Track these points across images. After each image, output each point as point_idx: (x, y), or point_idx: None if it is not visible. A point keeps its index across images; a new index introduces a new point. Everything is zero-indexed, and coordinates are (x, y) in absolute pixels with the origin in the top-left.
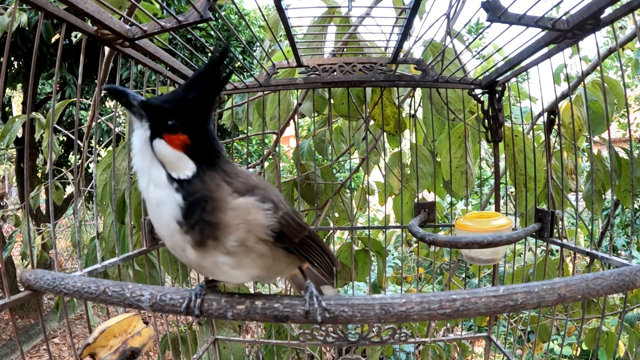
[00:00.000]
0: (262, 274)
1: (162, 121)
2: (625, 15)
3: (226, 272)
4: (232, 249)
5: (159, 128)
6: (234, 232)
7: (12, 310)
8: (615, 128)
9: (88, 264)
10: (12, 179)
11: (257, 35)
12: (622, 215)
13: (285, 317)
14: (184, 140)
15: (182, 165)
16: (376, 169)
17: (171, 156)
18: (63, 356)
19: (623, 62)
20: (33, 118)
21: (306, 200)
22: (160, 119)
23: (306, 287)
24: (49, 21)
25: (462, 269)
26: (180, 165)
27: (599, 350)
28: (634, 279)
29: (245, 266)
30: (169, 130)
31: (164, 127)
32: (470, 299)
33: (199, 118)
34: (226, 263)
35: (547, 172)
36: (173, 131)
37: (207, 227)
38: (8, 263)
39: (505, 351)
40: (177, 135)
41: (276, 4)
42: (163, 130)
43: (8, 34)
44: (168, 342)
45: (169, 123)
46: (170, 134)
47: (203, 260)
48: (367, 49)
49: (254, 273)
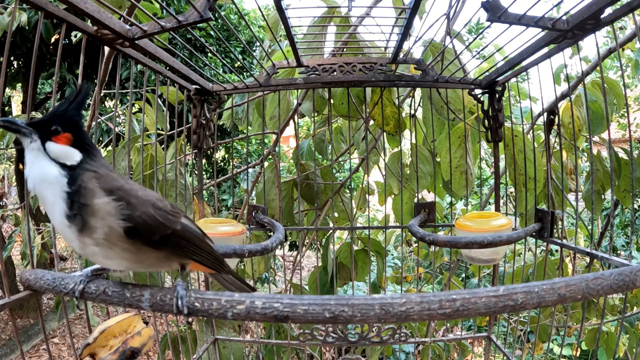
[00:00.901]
0: (135, 266)
1: (47, 130)
2: (625, 15)
3: (102, 262)
4: (100, 241)
5: (47, 135)
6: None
7: (12, 310)
8: (615, 128)
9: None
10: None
11: (257, 35)
12: (621, 215)
13: (285, 317)
14: (67, 137)
15: (71, 155)
16: (376, 169)
17: (61, 150)
18: (63, 356)
19: (623, 62)
20: (33, 118)
21: (306, 200)
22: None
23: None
24: (48, 21)
25: (462, 269)
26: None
27: (598, 351)
28: (634, 279)
29: (114, 257)
30: (54, 134)
31: (50, 133)
32: (470, 299)
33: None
34: (99, 254)
35: (547, 172)
36: (57, 133)
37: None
38: (8, 263)
39: (505, 351)
40: (61, 134)
41: (276, 4)
42: (50, 135)
43: (8, 33)
44: (168, 342)
45: (52, 129)
46: (57, 136)
47: (84, 249)
48: (367, 49)
49: (126, 264)
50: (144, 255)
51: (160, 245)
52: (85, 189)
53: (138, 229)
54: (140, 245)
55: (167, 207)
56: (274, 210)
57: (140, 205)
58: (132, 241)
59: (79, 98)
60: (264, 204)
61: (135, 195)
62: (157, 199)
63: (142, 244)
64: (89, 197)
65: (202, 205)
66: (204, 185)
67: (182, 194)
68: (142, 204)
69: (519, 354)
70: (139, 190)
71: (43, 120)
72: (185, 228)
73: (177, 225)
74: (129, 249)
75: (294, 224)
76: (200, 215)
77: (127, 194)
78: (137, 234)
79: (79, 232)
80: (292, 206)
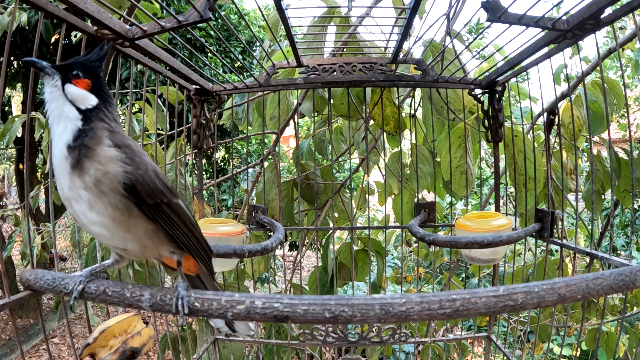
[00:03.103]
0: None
1: (69, 73)
2: (625, 15)
3: (85, 213)
4: (89, 186)
5: (68, 77)
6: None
7: (12, 310)
8: (615, 128)
9: (88, 263)
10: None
11: (257, 35)
12: (621, 215)
13: (285, 317)
14: (86, 82)
15: (87, 99)
16: (376, 169)
17: (79, 93)
18: (63, 356)
19: (623, 62)
20: (33, 118)
21: (306, 200)
22: (67, 72)
23: (175, 285)
24: (49, 21)
25: (462, 269)
26: (86, 99)
27: (598, 351)
28: (634, 279)
29: (99, 212)
30: (75, 77)
31: (71, 75)
32: (470, 299)
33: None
34: (84, 200)
35: (547, 172)
36: (78, 77)
37: (83, 149)
38: (8, 263)
39: (505, 351)
40: (81, 79)
41: (276, 4)
42: (71, 78)
43: (8, 33)
44: (168, 342)
45: (73, 73)
46: (77, 79)
47: (71, 190)
48: (367, 49)
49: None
50: (133, 220)
51: (153, 214)
52: (94, 134)
53: (136, 187)
54: (132, 206)
55: (167, 181)
56: (274, 210)
57: (143, 166)
58: (125, 198)
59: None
60: (264, 204)
61: (140, 157)
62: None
63: (134, 205)
64: (94, 142)
65: (202, 205)
66: (204, 185)
67: (182, 193)
68: (145, 165)
69: (519, 354)
70: (145, 156)
71: (66, 64)
72: (180, 207)
73: (174, 199)
74: (119, 205)
75: (294, 224)
76: (200, 215)
77: (133, 153)
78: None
79: (72, 167)
80: (292, 206)
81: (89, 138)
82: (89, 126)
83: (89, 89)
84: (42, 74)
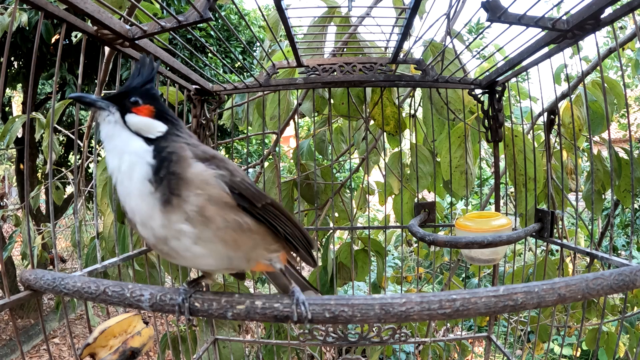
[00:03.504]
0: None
1: (125, 101)
2: (625, 15)
3: (189, 248)
4: (192, 214)
5: (126, 107)
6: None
7: (12, 310)
8: (615, 128)
9: (88, 264)
10: (12, 179)
11: (257, 35)
12: (622, 215)
13: (286, 317)
14: (149, 109)
15: (154, 127)
16: (376, 169)
17: (144, 122)
18: (63, 356)
19: (623, 62)
20: (33, 118)
21: (306, 200)
22: (123, 101)
23: (292, 291)
24: (49, 21)
25: (462, 269)
26: (153, 127)
27: (599, 351)
28: (634, 279)
29: (207, 240)
30: (134, 105)
31: (129, 104)
32: (470, 299)
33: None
34: (188, 234)
35: (547, 172)
36: (137, 104)
37: (173, 179)
38: (8, 263)
39: (505, 351)
40: (142, 106)
41: (276, 4)
42: (130, 107)
43: (8, 34)
44: (168, 342)
45: (131, 100)
46: (137, 107)
47: (168, 229)
48: (367, 49)
49: (220, 250)
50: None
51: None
52: (177, 157)
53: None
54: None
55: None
56: None
57: (237, 173)
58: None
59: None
60: None
61: (231, 164)
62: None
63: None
64: (181, 167)
65: None
66: None
67: None
68: (238, 171)
69: (519, 354)
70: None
71: (120, 92)
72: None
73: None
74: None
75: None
76: None
77: (222, 162)
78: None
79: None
80: (292, 206)
81: (173, 163)
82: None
83: (152, 115)
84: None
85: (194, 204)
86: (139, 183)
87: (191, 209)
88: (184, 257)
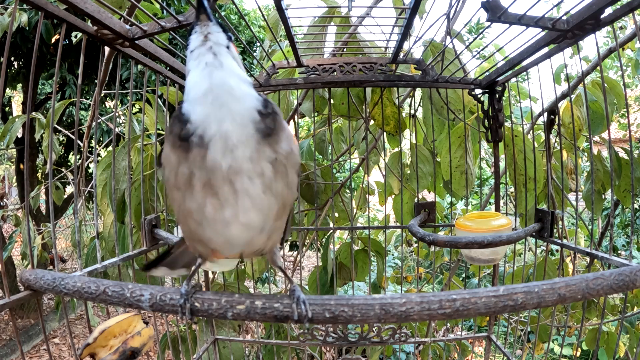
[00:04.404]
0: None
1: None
2: (625, 15)
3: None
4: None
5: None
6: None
7: (12, 310)
8: (615, 128)
9: (88, 264)
10: (12, 179)
11: (257, 35)
12: (622, 215)
13: (286, 317)
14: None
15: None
16: (376, 169)
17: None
18: (63, 356)
19: (623, 62)
20: (33, 118)
21: (306, 200)
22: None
23: (292, 291)
24: (49, 21)
25: (462, 269)
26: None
27: (599, 351)
28: (634, 279)
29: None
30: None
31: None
32: (470, 299)
33: None
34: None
35: (547, 172)
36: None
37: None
38: (8, 263)
39: (505, 351)
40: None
41: (276, 4)
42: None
43: (8, 34)
44: (168, 342)
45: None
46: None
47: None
48: (367, 49)
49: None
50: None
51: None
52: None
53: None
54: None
55: None
56: None
57: None
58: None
59: None
60: None
61: None
62: None
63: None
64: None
65: None
66: None
67: None
68: None
69: (519, 354)
70: None
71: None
72: None
73: None
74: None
75: (294, 224)
76: None
77: None
78: None
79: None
80: (292, 206)
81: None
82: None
83: None
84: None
85: (284, 149)
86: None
87: (281, 151)
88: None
